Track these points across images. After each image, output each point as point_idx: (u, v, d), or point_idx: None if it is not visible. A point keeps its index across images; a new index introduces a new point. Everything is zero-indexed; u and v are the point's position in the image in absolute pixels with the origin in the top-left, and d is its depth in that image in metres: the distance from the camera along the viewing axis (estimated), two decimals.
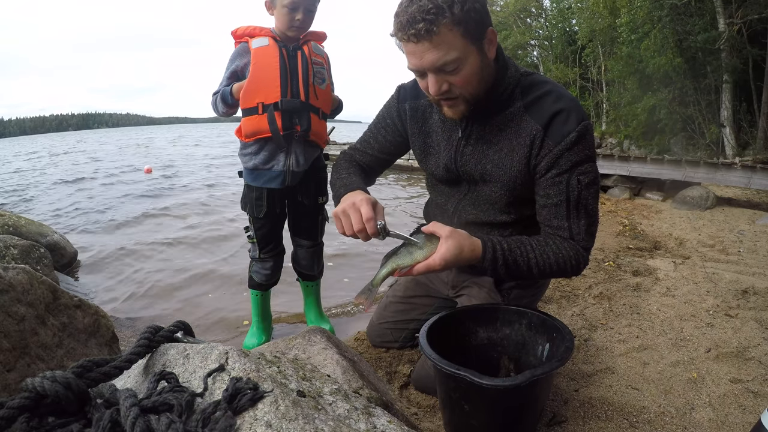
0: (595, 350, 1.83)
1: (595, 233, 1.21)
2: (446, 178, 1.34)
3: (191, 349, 0.72)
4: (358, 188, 1.23)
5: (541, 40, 15.30)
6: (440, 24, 0.97)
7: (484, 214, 1.29)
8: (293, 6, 1.62)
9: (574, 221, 1.16)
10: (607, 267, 2.91)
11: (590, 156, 1.15)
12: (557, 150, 1.12)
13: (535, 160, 1.16)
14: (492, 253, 1.10)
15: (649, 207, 5.26)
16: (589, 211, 1.17)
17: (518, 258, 1.12)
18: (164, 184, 7.92)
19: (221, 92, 1.71)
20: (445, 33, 0.98)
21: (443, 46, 1.00)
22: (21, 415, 0.55)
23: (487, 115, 1.19)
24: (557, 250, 1.15)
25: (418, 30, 0.98)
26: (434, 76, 1.05)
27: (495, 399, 1.08)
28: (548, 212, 1.18)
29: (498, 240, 1.13)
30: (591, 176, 1.15)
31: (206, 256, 3.54)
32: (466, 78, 1.06)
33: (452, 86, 1.07)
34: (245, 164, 1.79)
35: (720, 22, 7.01)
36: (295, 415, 0.59)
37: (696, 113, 8.05)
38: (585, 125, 1.12)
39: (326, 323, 2.08)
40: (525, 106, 1.16)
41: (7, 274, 1.10)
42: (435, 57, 1.01)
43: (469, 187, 1.31)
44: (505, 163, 1.19)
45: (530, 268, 1.14)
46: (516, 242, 1.15)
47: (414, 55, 1.03)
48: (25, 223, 3.14)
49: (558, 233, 1.17)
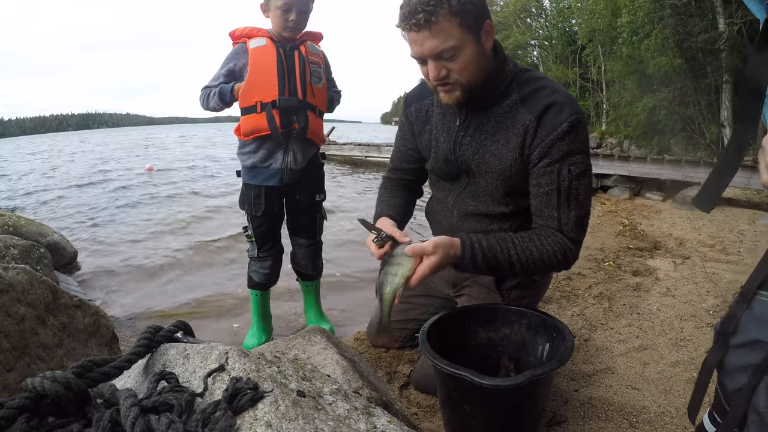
0: (595, 350, 1.83)
1: (586, 226, 1.23)
2: (446, 172, 1.38)
3: (191, 349, 0.72)
4: (382, 216, 1.36)
5: (541, 40, 15.30)
6: (438, 14, 1.05)
7: (483, 206, 1.32)
8: (286, 7, 1.64)
9: (564, 211, 1.18)
10: (607, 267, 2.91)
11: (582, 148, 1.18)
12: (549, 140, 1.16)
13: (529, 149, 1.20)
14: (470, 251, 1.13)
15: (649, 207, 5.26)
16: (580, 202, 1.19)
17: (498, 255, 1.15)
18: (165, 184, 7.92)
19: (220, 88, 1.71)
20: (443, 22, 1.06)
21: (441, 35, 1.08)
22: (21, 415, 0.55)
23: (485, 107, 1.25)
24: (541, 246, 1.17)
25: (419, 20, 1.06)
26: (434, 62, 1.13)
27: (495, 399, 1.08)
28: (539, 202, 1.21)
29: (477, 238, 1.16)
30: (582, 167, 1.18)
31: (208, 256, 3.55)
32: (463, 65, 1.13)
33: (450, 72, 1.14)
34: (243, 163, 1.80)
35: (720, 22, 7.01)
36: (295, 415, 0.59)
37: (696, 113, 8.05)
38: (577, 117, 1.16)
39: (326, 323, 2.08)
40: (521, 99, 1.21)
41: (7, 274, 1.10)
42: (434, 44, 1.09)
43: (468, 180, 1.35)
44: (501, 153, 1.23)
45: (512, 264, 1.16)
46: (497, 239, 1.17)
47: (415, 43, 1.11)
48: (25, 223, 3.14)
49: (547, 223, 1.20)
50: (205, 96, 1.75)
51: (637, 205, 5.45)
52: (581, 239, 1.22)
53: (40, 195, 7.13)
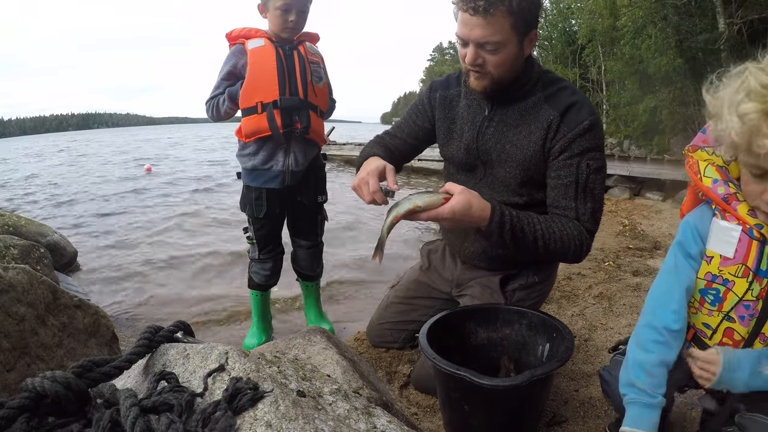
0: (595, 350, 1.83)
1: (599, 220, 1.29)
2: (465, 162, 1.43)
3: (191, 349, 0.72)
4: (373, 156, 1.37)
5: (541, 40, 15.28)
6: (497, 8, 1.10)
7: (498, 195, 1.36)
8: (286, 8, 1.63)
9: (581, 203, 1.25)
10: (607, 267, 2.91)
11: (599, 146, 1.26)
12: (571, 135, 1.23)
13: (550, 143, 1.27)
14: (500, 216, 1.16)
15: (649, 207, 5.26)
16: (595, 196, 1.26)
17: (525, 227, 1.19)
18: (166, 184, 7.92)
19: (228, 91, 1.70)
20: (498, 17, 1.11)
21: (492, 27, 1.13)
22: (21, 415, 0.55)
23: (511, 102, 1.32)
24: (563, 228, 1.23)
25: (477, 5, 1.10)
26: (474, 49, 1.18)
27: (495, 399, 1.08)
28: (557, 193, 1.27)
29: (508, 207, 1.21)
30: (599, 163, 1.26)
31: (208, 256, 3.54)
32: (500, 61, 1.19)
33: (485, 63, 1.20)
34: (244, 165, 1.79)
35: (720, 22, 7.00)
36: (295, 415, 0.59)
37: (696, 113, 8.05)
38: (596, 118, 1.26)
39: (326, 323, 2.08)
40: (545, 97, 1.29)
41: (7, 274, 1.10)
42: (482, 33, 1.14)
43: (485, 171, 1.40)
44: (523, 144, 1.30)
45: (536, 239, 1.20)
46: (524, 213, 1.23)
47: (466, 25, 1.16)
48: (25, 223, 3.14)
49: (565, 213, 1.26)
50: (214, 105, 1.74)
51: (637, 205, 5.45)
52: (595, 231, 1.28)
53: (40, 195, 7.12)
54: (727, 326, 0.90)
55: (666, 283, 0.93)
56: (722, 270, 0.88)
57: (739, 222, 0.85)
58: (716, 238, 0.88)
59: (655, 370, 0.89)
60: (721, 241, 0.87)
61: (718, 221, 0.88)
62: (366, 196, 1.22)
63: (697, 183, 0.90)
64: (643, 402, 0.88)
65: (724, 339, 0.91)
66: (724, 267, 0.88)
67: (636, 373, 0.90)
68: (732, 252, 0.86)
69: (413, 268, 1.77)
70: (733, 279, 0.87)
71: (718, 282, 0.89)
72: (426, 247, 1.75)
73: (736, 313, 0.88)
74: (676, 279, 0.92)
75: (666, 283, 0.93)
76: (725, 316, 0.89)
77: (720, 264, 0.88)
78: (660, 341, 0.89)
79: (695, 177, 0.90)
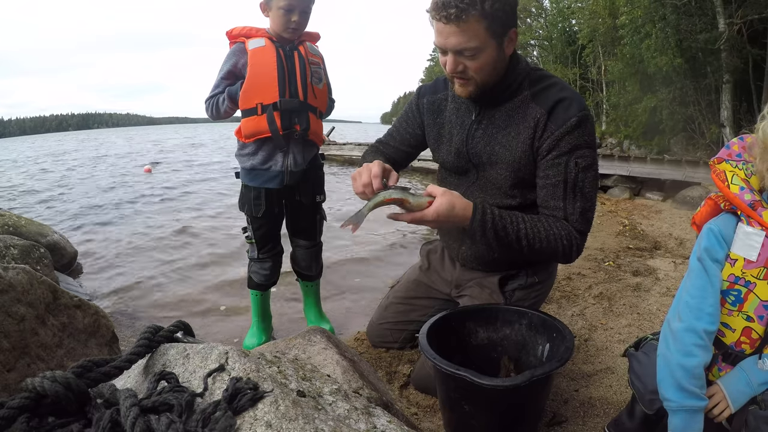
0: (595, 350, 1.83)
1: (591, 219, 1.26)
2: (456, 166, 1.42)
3: (191, 349, 0.72)
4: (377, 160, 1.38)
5: (541, 40, 15.27)
6: (469, 14, 1.09)
7: (491, 199, 1.35)
8: (289, 8, 1.62)
9: (570, 202, 1.22)
10: (607, 267, 2.91)
11: (589, 142, 1.23)
12: (558, 133, 1.20)
13: (538, 142, 1.24)
14: (481, 215, 1.16)
15: (649, 207, 5.25)
16: (585, 195, 1.23)
17: (507, 225, 1.18)
18: (166, 184, 7.91)
19: (228, 91, 1.70)
20: (471, 23, 1.10)
21: (467, 34, 1.12)
22: (21, 415, 0.55)
23: (498, 103, 1.30)
24: (549, 227, 1.21)
25: (449, 14, 1.09)
26: (453, 56, 1.17)
27: (495, 399, 1.08)
28: (546, 192, 1.25)
29: (491, 206, 1.20)
30: (589, 161, 1.22)
31: (208, 256, 3.54)
32: (480, 66, 1.18)
33: (467, 69, 1.19)
34: (243, 164, 1.79)
35: (720, 21, 6.99)
36: (295, 415, 0.59)
37: (696, 113, 8.04)
38: (585, 114, 1.21)
39: (326, 323, 2.08)
40: (532, 95, 1.26)
41: (7, 274, 1.10)
42: (457, 41, 1.13)
43: (477, 174, 1.38)
44: (512, 145, 1.28)
45: (519, 238, 1.19)
46: (509, 213, 1.21)
47: (441, 34, 1.15)
48: (25, 223, 3.14)
49: (553, 213, 1.24)
50: (213, 104, 1.73)
51: (637, 205, 5.45)
52: (586, 231, 1.26)
53: (39, 195, 7.12)
54: (745, 325, 0.95)
55: (700, 288, 0.97)
56: (745, 272, 0.93)
57: (763, 228, 0.91)
58: (741, 242, 0.94)
59: (700, 372, 0.93)
60: (746, 245, 0.93)
61: (743, 226, 0.94)
62: (364, 178, 1.17)
63: (724, 190, 0.96)
64: (688, 408, 0.92)
65: (742, 338, 0.95)
66: (747, 269, 0.93)
67: (683, 376, 0.93)
68: (755, 255, 0.92)
69: (413, 269, 1.77)
70: (755, 281, 0.92)
71: (740, 284, 0.94)
72: (425, 248, 1.75)
73: (756, 312, 0.93)
74: (709, 282, 0.96)
75: (700, 288, 0.97)
76: (746, 316, 0.94)
77: (743, 267, 0.93)
78: (701, 345, 0.93)
79: (722, 185, 0.97)
